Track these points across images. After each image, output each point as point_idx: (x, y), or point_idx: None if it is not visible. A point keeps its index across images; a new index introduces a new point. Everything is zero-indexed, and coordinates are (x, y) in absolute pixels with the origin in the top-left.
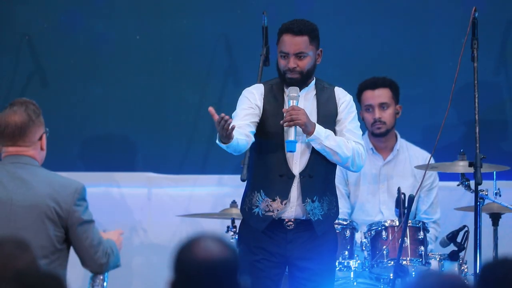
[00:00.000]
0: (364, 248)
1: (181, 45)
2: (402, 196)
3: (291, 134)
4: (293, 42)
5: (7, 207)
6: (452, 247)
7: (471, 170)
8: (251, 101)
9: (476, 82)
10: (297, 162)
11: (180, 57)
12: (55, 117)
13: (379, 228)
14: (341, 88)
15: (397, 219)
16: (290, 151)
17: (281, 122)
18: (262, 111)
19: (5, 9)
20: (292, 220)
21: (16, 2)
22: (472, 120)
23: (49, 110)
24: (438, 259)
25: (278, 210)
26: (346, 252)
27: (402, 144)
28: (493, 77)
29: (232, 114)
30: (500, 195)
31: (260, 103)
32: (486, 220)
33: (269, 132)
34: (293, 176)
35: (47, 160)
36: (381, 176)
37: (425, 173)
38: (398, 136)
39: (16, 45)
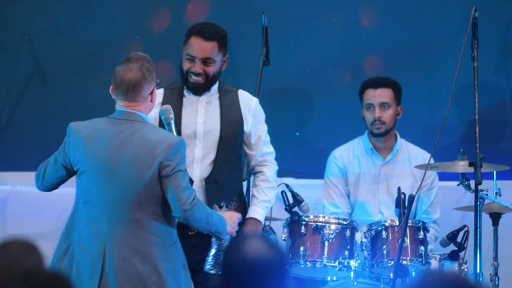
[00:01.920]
0: (364, 248)
1: (181, 45)
2: (402, 196)
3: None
4: (202, 47)
5: (109, 165)
6: (452, 247)
7: (471, 170)
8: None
9: (476, 82)
10: (197, 167)
11: (180, 57)
12: (55, 117)
13: (379, 228)
14: (245, 92)
15: (397, 219)
16: None
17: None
18: (160, 116)
19: (5, 9)
20: None
21: (16, 2)
22: (472, 120)
23: (49, 110)
24: (438, 259)
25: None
26: (346, 252)
27: (401, 144)
28: (493, 77)
29: None
30: (500, 195)
31: (156, 110)
32: (486, 220)
33: None
34: (191, 181)
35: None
36: (381, 176)
37: (425, 173)
38: (398, 136)
39: (16, 45)
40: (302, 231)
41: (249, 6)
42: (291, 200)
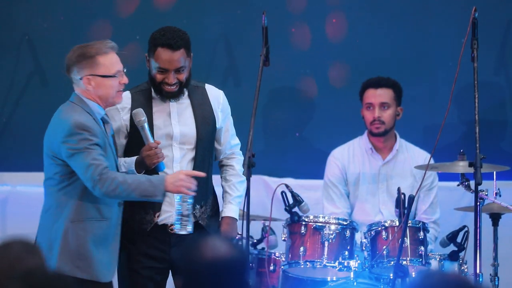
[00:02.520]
0: (364, 248)
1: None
2: (402, 196)
3: (147, 138)
4: (173, 59)
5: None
6: (452, 247)
7: (471, 170)
8: (116, 125)
9: (476, 82)
10: (177, 166)
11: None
12: None
13: (379, 228)
14: (212, 86)
15: (397, 219)
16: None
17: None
18: (130, 121)
19: (5, 9)
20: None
21: (16, 2)
22: (472, 120)
23: (49, 110)
24: (438, 259)
25: (151, 223)
26: (346, 252)
27: (401, 144)
28: (493, 77)
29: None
30: (500, 195)
31: (126, 117)
32: (486, 220)
33: (139, 142)
34: None
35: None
36: (381, 176)
37: (425, 173)
38: (398, 136)
39: (16, 45)
40: (302, 232)
41: (249, 6)
42: (291, 201)
